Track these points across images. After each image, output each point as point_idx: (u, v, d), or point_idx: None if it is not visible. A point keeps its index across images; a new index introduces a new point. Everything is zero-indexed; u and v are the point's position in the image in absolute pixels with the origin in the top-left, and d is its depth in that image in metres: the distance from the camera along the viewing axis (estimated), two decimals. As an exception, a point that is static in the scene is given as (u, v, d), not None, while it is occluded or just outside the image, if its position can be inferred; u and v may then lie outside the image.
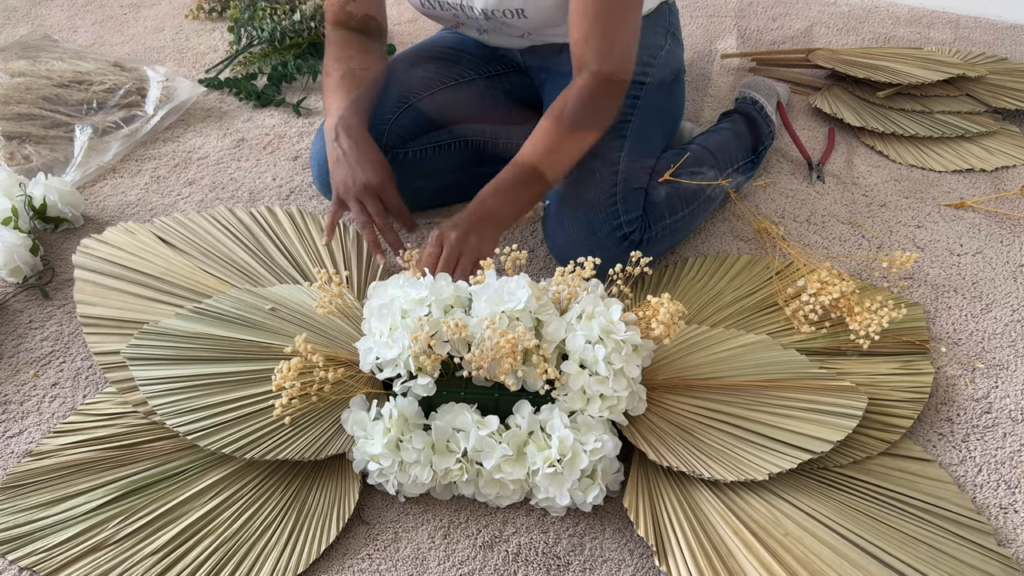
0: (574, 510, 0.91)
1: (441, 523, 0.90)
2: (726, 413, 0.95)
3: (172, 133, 1.46)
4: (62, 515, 0.85)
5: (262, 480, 0.89)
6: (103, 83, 1.46)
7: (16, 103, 1.39)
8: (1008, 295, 1.22)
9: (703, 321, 1.10)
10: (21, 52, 1.52)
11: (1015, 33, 1.95)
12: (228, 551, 0.84)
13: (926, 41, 1.90)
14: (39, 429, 0.96)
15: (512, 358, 0.86)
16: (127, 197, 1.31)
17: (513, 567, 0.86)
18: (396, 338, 0.89)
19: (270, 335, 0.98)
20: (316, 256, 1.14)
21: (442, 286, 0.94)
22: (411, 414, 0.89)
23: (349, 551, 0.87)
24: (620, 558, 0.87)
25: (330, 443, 0.90)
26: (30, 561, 0.82)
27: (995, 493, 0.96)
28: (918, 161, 1.48)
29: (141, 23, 1.79)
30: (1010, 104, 1.59)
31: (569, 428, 0.88)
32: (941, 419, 1.04)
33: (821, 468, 0.94)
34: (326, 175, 1.14)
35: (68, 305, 1.10)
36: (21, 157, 1.33)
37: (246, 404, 0.91)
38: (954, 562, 0.86)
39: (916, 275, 1.25)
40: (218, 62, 1.66)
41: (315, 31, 1.71)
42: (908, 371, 1.05)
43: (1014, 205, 1.40)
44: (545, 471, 0.86)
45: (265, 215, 1.19)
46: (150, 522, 0.85)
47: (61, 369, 1.03)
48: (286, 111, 1.53)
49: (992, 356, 1.13)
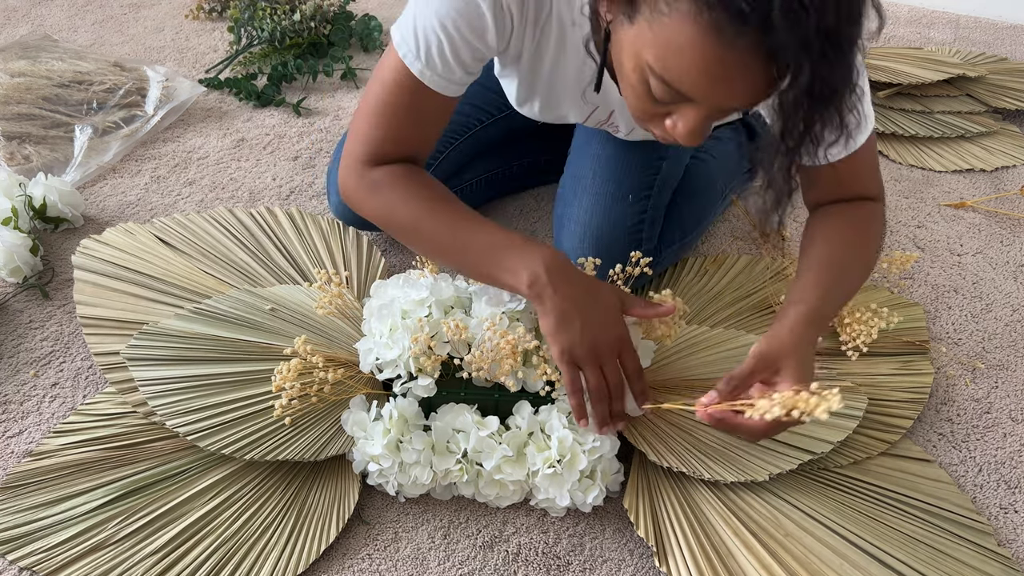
0: (574, 510, 0.91)
1: (441, 523, 0.90)
2: (726, 413, 0.95)
3: (172, 133, 1.46)
4: (62, 515, 0.85)
5: (262, 480, 0.89)
6: (103, 83, 1.46)
7: (16, 103, 1.39)
8: (1008, 295, 1.22)
9: (703, 321, 1.10)
10: (21, 52, 1.52)
11: (1015, 33, 1.95)
12: (228, 551, 0.84)
13: (926, 41, 1.90)
14: (39, 429, 0.96)
15: (512, 359, 0.86)
16: (127, 197, 1.31)
17: (513, 567, 0.86)
18: (396, 339, 0.89)
19: (270, 336, 0.98)
20: (316, 257, 1.14)
21: (442, 287, 0.94)
22: (411, 415, 0.89)
23: (349, 551, 0.87)
24: (620, 558, 0.87)
25: (330, 444, 0.90)
26: (30, 561, 0.81)
27: (995, 493, 0.96)
28: (918, 161, 1.48)
29: (141, 23, 1.79)
30: (1010, 104, 1.59)
31: (568, 428, 0.88)
32: (941, 419, 1.04)
33: (821, 468, 0.94)
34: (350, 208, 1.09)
35: (68, 305, 1.10)
36: (21, 157, 1.33)
37: (246, 405, 0.91)
38: (954, 562, 0.86)
39: (916, 275, 1.25)
40: (218, 62, 1.66)
41: (315, 31, 1.71)
42: (908, 371, 1.05)
43: (1014, 205, 1.40)
44: (545, 472, 0.86)
45: (265, 215, 1.19)
46: (150, 522, 0.85)
47: (61, 369, 1.03)
48: (286, 111, 1.53)
49: (992, 356, 1.13)
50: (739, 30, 0.60)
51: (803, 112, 0.64)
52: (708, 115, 0.70)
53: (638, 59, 0.68)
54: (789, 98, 0.63)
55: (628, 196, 1.07)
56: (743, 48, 0.61)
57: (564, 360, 0.83)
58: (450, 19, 0.81)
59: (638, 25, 0.66)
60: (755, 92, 0.66)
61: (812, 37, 0.59)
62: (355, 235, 1.17)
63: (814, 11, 0.58)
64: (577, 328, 0.81)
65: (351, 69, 1.62)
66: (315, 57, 1.69)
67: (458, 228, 0.87)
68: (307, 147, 1.44)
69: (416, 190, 0.88)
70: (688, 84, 0.66)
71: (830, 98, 0.63)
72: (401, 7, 0.95)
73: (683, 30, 0.63)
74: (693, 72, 0.65)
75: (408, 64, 0.85)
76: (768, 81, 0.64)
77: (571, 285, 0.82)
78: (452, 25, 0.81)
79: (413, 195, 0.88)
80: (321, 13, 1.71)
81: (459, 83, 0.88)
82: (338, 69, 1.64)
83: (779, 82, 0.64)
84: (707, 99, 0.68)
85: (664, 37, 0.64)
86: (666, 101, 0.70)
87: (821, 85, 0.62)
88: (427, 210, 0.88)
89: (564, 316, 0.81)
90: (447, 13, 0.81)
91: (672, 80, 0.67)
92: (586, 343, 0.81)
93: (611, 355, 0.83)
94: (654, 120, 0.74)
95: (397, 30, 0.86)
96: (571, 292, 0.82)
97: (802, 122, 0.65)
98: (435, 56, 0.84)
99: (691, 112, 0.70)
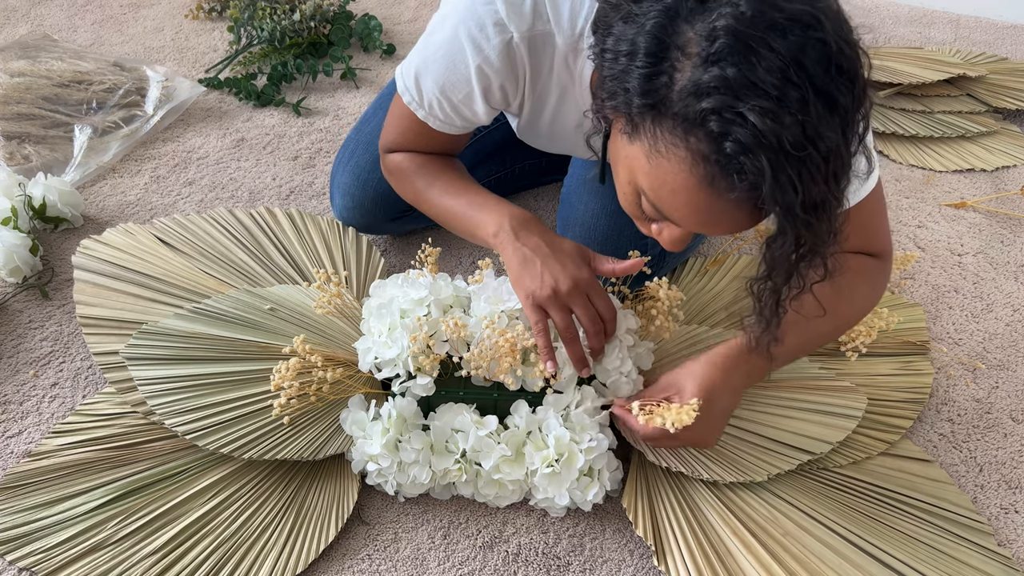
0: (574, 510, 0.91)
1: (441, 523, 0.89)
2: (726, 413, 0.95)
3: (172, 133, 1.46)
4: (61, 515, 0.85)
5: (261, 480, 0.89)
6: (103, 83, 1.46)
7: (16, 103, 1.39)
8: (1009, 295, 1.22)
9: (703, 321, 1.09)
10: (21, 52, 1.52)
11: (1015, 33, 1.95)
12: (227, 551, 0.84)
13: (926, 41, 1.89)
14: (38, 429, 0.95)
15: (511, 357, 0.86)
16: (127, 197, 1.31)
17: (513, 567, 0.86)
18: (395, 338, 0.89)
19: (269, 335, 0.98)
20: (315, 257, 1.14)
21: (441, 286, 0.94)
22: (410, 414, 0.89)
23: (349, 551, 0.86)
24: (620, 558, 0.87)
25: (329, 443, 0.90)
26: (29, 561, 0.81)
27: (996, 493, 0.96)
28: (918, 161, 1.48)
29: (141, 23, 1.79)
30: (1010, 104, 1.59)
31: (564, 427, 0.88)
32: (942, 419, 1.03)
33: (821, 468, 0.94)
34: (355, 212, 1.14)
35: (68, 305, 1.10)
36: (21, 157, 1.32)
37: (245, 404, 0.91)
38: (954, 562, 0.86)
39: (917, 275, 1.25)
40: (218, 62, 1.66)
41: (315, 31, 1.71)
42: (908, 371, 1.05)
43: (1014, 205, 1.40)
44: (543, 471, 0.86)
45: (264, 215, 1.19)
46: (149, 522, 0.85)
47: (60, 369, 1.02)
48: (286, 111, 1.53)
49: (993, 356, 1.12)
50: (731, 185, 0.62)
51: (787, 263, 0.66)
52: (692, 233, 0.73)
53: (631, 175, 0.70)
54: (775, 248, 0.65)
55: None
56: (733, 200, 0.64)
57: (529, 304, 0.86)
58: (448, 86, 0.86)
59: (636, 147, 0.67)
60: (739, 227, 0.69)
61: (798, 210, 0.61)
62: (355, 235, 1.17)
63: (803, 190, 0.60)
64: (537, 271, 0.85)
65: (351, 69, 1.62)
66: (315, 57, 1.69)
67: (447, 197, 0.95)
68: (307, 147, 1.44)
69: (416, 169, 0.98)
70: (677, 217, 0.69)
71: (813, 253, 0.66)
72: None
73: (678, 175, 0.64)
74: (684, 210, 0.67)
75: (413, 110, 0.91)
76: (754, 219, 0.67)
77: (532, 235, 0.87)
78: (450, 91, 0.87)
79: (415, 174, 0.98)
80: (321, 13, 1.71)
81: (464, 127, 0.93)
82: (338, 69, 1.64)
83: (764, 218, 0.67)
84: (693, 229, 0.71)
85: (659, 174, 0.66)
86: (654, 218, 0.73)
87: (804, 244, 0.64)
88: (425, 186, 0.97)
89: (524, 260, 0.86)
90: (444, 81, 0.86)
91: (662, 208, 0.69)
92: (547, 286, 0.84)
93: (578, 296, 0.85)
94: (640, 221, 0.77)
95: (401, 77, 0.91)
96: (531, 241, 0.87)
97: (785, 270, 0.67)
98: (436, 110, 0.90)
99: (677, 229, 0.73)
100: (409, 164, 0.98)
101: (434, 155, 0.98)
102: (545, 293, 0.84)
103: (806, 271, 0.67)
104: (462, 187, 0.95)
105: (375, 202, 1.13)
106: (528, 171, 1.32)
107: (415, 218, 1.19)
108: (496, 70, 0.83)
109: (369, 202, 1.13)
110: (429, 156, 0.98)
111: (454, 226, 0.96)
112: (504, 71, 0.83)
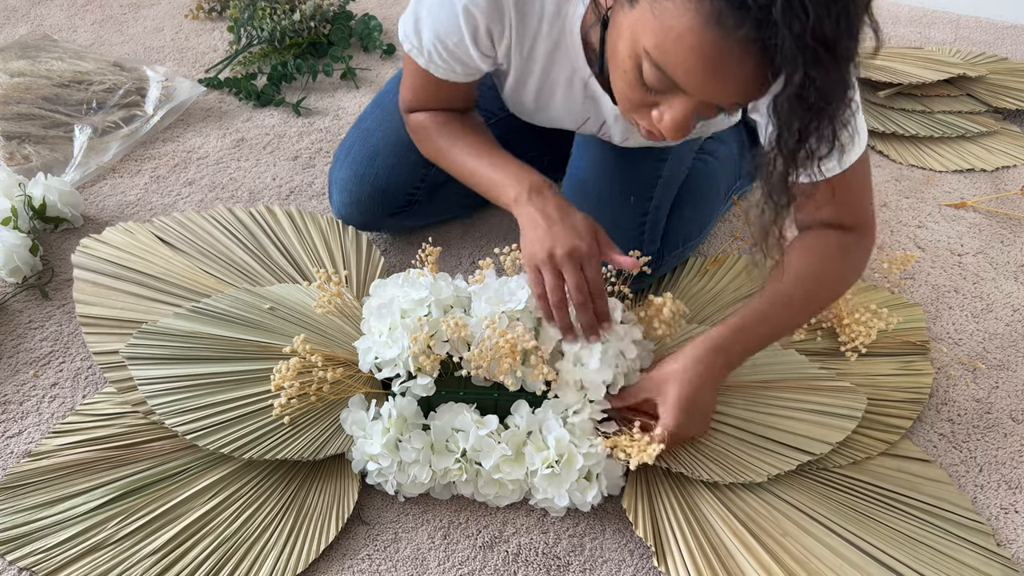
0: (574, 510, 0.91)
1: (441, 523, 0.89)
2: (725, 414, 0.95)
3: (172, 133, 1.46)
4: (61, 515, 0.85)
5: (261, 480, 0.89)
6: (103, 83, 1.46)
7: (16, 103, 1.38)
8: (1009, 295, 1.22)
9: (703, 321, 1.09)
10: (21, 52, 1.52)
11: (1015, 33, 1.95)
12: (227, 551, 0.84)
13: (926, 41, 1.90)
14: (38, 429, 0.95)
15: (511, 358, 0.86)
16: (127, 197, 1.31)
17: (513, 567, 0.86)
18: (395, 338, 0.89)
19: (269, 335, 0.98)
20: (315, 256, 1.14)
21: (441, 286, 0.94)
22: (410, 414, 0.89)
23: (349, 551, 0.86)
24: (620, 558, 0.87)
25: (329, 443, 0.90)
26: (29, 561, 0.81)
27: (996, 493, 0.96)
28: (918, 161, 1.48)
29: (141, 23, 1.79)
30: (1010, 104, 1.59)
31: (565, 428, 0.88)
32: (942, 419, 1.03)
33: (820, 468, 0.94)
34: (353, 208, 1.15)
35: (68, 305, 1.10)
36: (21, 157, 1.32)
37: (245, 404, 0.91)
38: (954, 563, 0.86)
39: (917, 275, 1.25)
40: (218, 62, 1.66)
41: (315, 31, 1.70)
42: (908, 371, 1.05)
43: (1015, 205, 1.40)
44: (543, 472, 0.86)
45: (264, 215, 1.19)
46: (149, 522, 0.85)
47: (60, 369, 1.02)
48: (286, 111, 1.53)
49: (993, 356, 1.12)
50: (739, 21, 0.62)
51: (797, 119, 0.65)
52: (695, 108, 0.72)
53: (635, 43, 0.70)
54: (783, 102, 0.65)
55: (630, 197, 1.07)
56: (740, 39, 0.63)
57: (526, 262, 0.89)
58: (442, 31, 0.88)
59: (639, 8, 0.68)
60: (746, 88, 0.67)
61: (808, 40, 0.60)
62: (355, 234, 1.17)
63: (814, 16, 0.59)
64: (541, 233, 0.88)
65: (351, 69, 1.62)
66: (315, 57, 1.69)
67: (469, 157, 0.98)
68: (307, 147, 1.44)
69: (438, 128, 1.00)
70: (682, 72, 0.68)
71: (823, 108, 0.64)
72: (400, 7, 0.96)
73: (684, 15, 0.64)
74: (690, 59, 0.66)
75: (414, 58, 0.93)
76: (760, 79, 0.66)
77: (546, 201, 0.90)
78: (444, 36, 0.89)
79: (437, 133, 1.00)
80: (321, 13, 1.71)
81: (467, 74, 0.94)
82: (338, 69, 1.64)
83: (771, 84, 0.66)
84: (698, 90, 0.69)
85: (664, 21, 0.66)
86: (657, 89, 0.72)
87: (814, 92, 0.63)
88: (447, 145, 1.00)
89: (532, 222, 0.89)
90: (439, 27, 0.88)
91: (667, 66, 0.68)
92: (545, 248, 0.87)
93: (570, 263, 0.86)
94: (641, 111, 0.76)
95: (403, 25, 0.93)
96: (544, 206, 0.89)
97: (796, 130, 0.66)
98: (436, 58, 0.92)
99: (679, 103, 0.72)
100: (431, 123, 1.01)
101: (454, 113, 1.01)
102: (541, 256, 0.87)
103: (816, 138, 0.66)
104: (484, 148, 0.98)
105: (372, 198, 1.14)
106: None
107: (414, 214, 1.19)
108: (482, 10, 0.85)
109: (366, 198, 1.14)
110: (450, 114, 1.01)
111: (474, 185, 0.98)
112: (490, 11, 0.85)
